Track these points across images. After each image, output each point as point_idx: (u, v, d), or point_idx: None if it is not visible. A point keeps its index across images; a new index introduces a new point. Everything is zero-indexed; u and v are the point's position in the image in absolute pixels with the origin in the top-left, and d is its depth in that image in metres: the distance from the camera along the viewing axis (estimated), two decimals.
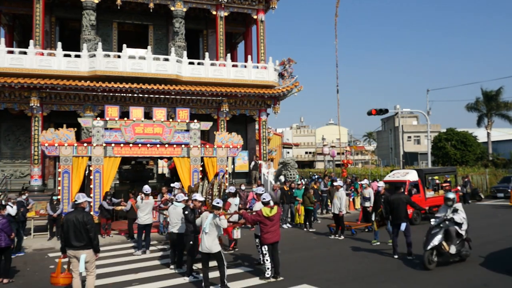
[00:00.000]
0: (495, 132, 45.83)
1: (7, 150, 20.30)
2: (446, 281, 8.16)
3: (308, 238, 13.50)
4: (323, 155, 46.17)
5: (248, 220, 8.85)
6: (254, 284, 8.31)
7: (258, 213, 8.58)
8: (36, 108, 18.64)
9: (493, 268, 8.88)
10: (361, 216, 15.83)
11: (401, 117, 56.12)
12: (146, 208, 11.34)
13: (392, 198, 10.42)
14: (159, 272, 9.35)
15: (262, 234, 8.53)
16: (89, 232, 7.05)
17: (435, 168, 27.07)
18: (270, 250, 8.54)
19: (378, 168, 38.95)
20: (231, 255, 10.85)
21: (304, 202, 15.37)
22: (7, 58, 18.15)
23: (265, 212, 8.45)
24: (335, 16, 28.97)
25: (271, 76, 22.03)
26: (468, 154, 38.25)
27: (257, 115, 22.64)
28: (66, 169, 13.40)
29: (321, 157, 65.28)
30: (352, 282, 8.30)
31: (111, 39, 22.52)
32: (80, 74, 18.95)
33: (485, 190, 26.69)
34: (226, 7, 22.13)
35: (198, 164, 14.83)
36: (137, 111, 14.71)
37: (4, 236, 8.87)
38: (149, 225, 11.39)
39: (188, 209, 9.11)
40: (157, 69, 19.76)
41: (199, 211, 8.92)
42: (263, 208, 8.54)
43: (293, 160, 19.74)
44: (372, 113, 22.11)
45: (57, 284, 7.40)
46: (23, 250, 12.15)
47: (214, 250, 7.79)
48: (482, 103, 42.72)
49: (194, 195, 9.41)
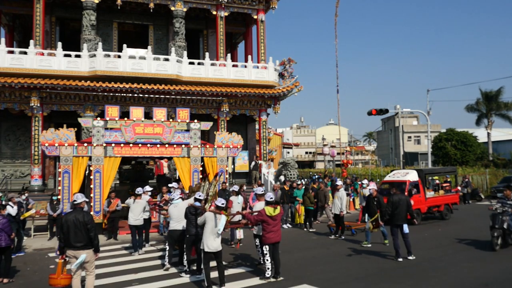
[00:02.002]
0: (495, 132, 45.81)
1: (7, 150, 20.30)
2: (447, 281, 8.15)
3: (308, 238, 13.50)
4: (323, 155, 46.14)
5: (251, 221, 8.76)
6: (254, 284, 8.31)
7: (261, 212, 8.51)
8: (36, 108, 18.65)
9: (493, 268, 8.87)
10: (361, 216, 15.83)
11: (401, 117, 56.10)
12: (136, 208, 11.35)
13: (394, 198, 10.30)
14: (159, 272, 9.34)
15: (264, 234, 8.49)
16: (90, 232, 7.06)
17: (435, 168, 27.06)
18: (271, 250, 8.51)
19: (378, 168, 38.92)
20: (231, 255, 10.86)
21: (304, 202, 15.37)
22: (7, 58, 18.16)
23: (268, 212, 8.40)
24: (335, 16, 29.00)
25: (271, 76, 22.02)
26: (468, 154, 38.23)
27: (257, 115, 22.63)
28: (66, 169, 13.40)
29: (321, 157, 65.28)
30: (352, 282, 8.29)
31: (111, 39, 22.52)
32: (80, 74, 18.96)
33: (485, 190, 26.68)
34: (226, 7, 22.13)
35: (198, 164, 14.83)
36: (137, 111, 14.71)
37: (4, 236, 8.86)
38: (140, 225, 11.37)
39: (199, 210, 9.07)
40: (157, 69, 19.77)
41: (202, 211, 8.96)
42: (267, 208, 8.48)
43: (293, 160, 19.73)
44: (372, 113, 22.12)
45: (57, 285, 7.39)
46: (23, 250, 12.16)
47: (219, 249, 7.94)
48: (482, 103, 42.69)
49: (199, 193, 9.43)
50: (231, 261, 10.23)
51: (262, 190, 9.96)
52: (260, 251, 9.33)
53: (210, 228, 7.88)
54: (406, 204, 10.26)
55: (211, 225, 7.89)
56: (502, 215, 10.76)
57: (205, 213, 8.18)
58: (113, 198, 13.50)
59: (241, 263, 10.09)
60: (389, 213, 10.28)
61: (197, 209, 8.99)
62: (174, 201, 9.76)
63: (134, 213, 11.32)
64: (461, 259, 9.90)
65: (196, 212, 8.95)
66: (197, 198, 9.17)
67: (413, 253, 9.98)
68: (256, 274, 8.95)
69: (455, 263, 9.45)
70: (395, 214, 10.16)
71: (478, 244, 11.55)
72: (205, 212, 8.22)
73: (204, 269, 7.95)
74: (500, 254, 10.37)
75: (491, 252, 10.49)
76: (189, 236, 8.97)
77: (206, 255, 7.91)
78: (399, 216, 10.12)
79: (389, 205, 10.35)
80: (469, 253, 10.57)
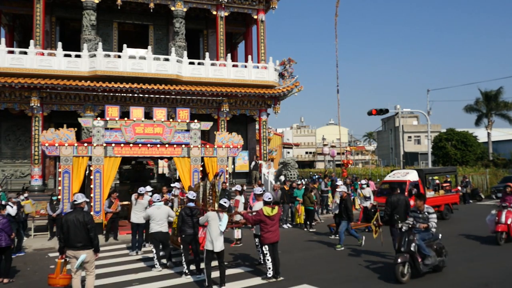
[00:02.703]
0: (495, 132, 45.77)
1: (7, 150, 20.30)
2: (448, 281, 8.15)
3: (308, 238, 13.49)
4: (323, 155, 46.13)
5: (249, 221, 8.81)
6: (254, 284, 8.31)
7: (259, 212, 8.54)
8: (37, 108, 18.65)
9: (492, 268, 8.90)
10: (361, 216, 15.84)
11: (402, 117, 56.09)
12: (139, 207, 11.46)
13: (393, 199, 10.18)
14: (159, 272, 9.34)
15: (263, 234, 8.50)
16: (90, 232, 7.06)
17: (436, 168, 27.03)
18: (270, 250, 8.51)
19: (378, 168, 38.91)
20: (231, 255, 10.86)
21: (304, 202, 15.37)
22: (7, 58, 18.17)
23: (266, 212, 8.43)
24: (335, 16, 28.96)
25: (271, 76, 22.02)
26: (469, 154, 38.22)
27: (257, 115, 22.63)
28: (66, 169, 13.40)
29: (321, 157, 65.24)
30: (352, 282, 8.29)
31: (111, 39, 22.52)
32: (81, 74, 18.96)
33: (485, 190, 26.68)
34: (226, 7, 22.13)
35: (198, 164, 14.83)
36: (138, 111, 14.71)
37: (4, 236, 8.86)
38: (142, 224, 11.40)
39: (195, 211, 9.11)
40: (157, 69, 19.77)
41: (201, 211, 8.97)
42: (264, 208, 8.50)
43: (293, 160, 19.74)
44: (373, 113, 22.10)
45: (56, 285, 7.39)
46: (23, 250, 12.16)
47: (222, 249, 7.96)
48: (482, 103, 42.66)
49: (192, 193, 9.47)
50: (231, 260, 10.23)
51: (261, 190, 9.98)
52: (260, 251, 9.33)
53: (215, 228, 7.88)
54: (405, 204, 10.18)
55: (215, 224, 7.88)
56: (408, 234, 8.17)
57: (208, 212, 8.20)
58: (114, 198, 13.51)
59: (241, 263, 10.10)
60: (388, 213, 10.13)
61: (193, 210, 9.03)
62: (157, 203, 9.78)
63: (136, 212, 11.43)
64: (461, 259, 9.89)
65: (192, 213, 8.99)
66: (190, 199, 9.25)
67: None
68: (256, 274, 8.95)
69: (455, 263, 9.44)
70: (393, 214, 9.94)
71: (478, 244, 11.55)
72: (208, 212, 8.24)
73: (206, 269, 7.94)
74: (500, 254, 10.36)
75: (492, 252, 10.48)
76: (185, 236, 8.98)
77: (208, 254, 7.91)
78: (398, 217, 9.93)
79: (388, 205, 10.19)
80: (469, 253, 10.56)
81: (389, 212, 10.10)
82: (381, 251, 10.89)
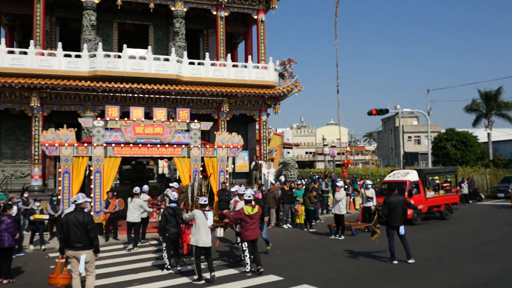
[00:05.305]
0: (495, 132, 45.71)
1: (7, 150, 20.30)
2: (447, 281, 8.15)
3: (308, 238, 13.49)
4: (323, 155, 46.19)
5: (230, 219, 9.31)
6: (254, 283, 8.30)
7: (240, 211, 9.09)
8: (37, 108, 18.65)
9: (493, 268, 8.89)
10: (361, 216, 15.85)
11: (402, 117, 56.06)
12: (133, 207, 11.99)
13: (391, 199, 9.99)
14: (159, 272, 9.35)
15: (243, 231, 9.02)
16: (90, 233, 7.06)
17: (436, 168, 27.05)
18: (250, 247, 9.01)
19: (378, 168, 38.91)
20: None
21: (304, 202, 15.36)
22: (7, 58, 18.15)
23: (246, 211, 8.91)
24: (335, 16, 28.93)
25: (271, 76, 22.02)
26: (469, 154, 38.22)
27: (257, 115, 22.63)
28: (66, 169, 13.40)
29: (321, 157, 65.26)
30: (352, 282, 8.29)
31: (111, 39, 22.51)
32: (81, 74, 18.96)
33: (486, 190, 26.69)
34: (226, 7, 22.13)
35: (198, 164, 14.82)
36: (138, 111, 14.71)
37: (8, 236, 8.86)
38: (137, 223, 12.05)
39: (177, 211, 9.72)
40: (157, 69, 19.76)
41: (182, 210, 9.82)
42: (245, 207, 9.01)
43: (293, 160, 19.71)
44: (373, 113, 22.12)
45: (56, 284, 7.40)
46: (23, 250, 12.16)
47: (210, 245, 8.52)
48: (479, 104, 42.56)
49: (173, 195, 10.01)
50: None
51: (244, 190, 10.45)
52: (240, 248, 9.68)
53: (200, 224, 8.41)
54: (403, 205, 10.10)
55: (200, 221, 8.42)
56: None
57: (193, 210, 8.85)
58: (110, 198, 13.52)
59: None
60: (385, 214, 9.98)
61: (175, 210, 9.66)
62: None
63: (130, 211, 12.00)
64: (461, 259, 9.90)
65: (174, 213, 9.59)
66: (172, 200, 9.88)
67: (412, 256, 9.72)
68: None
69: (455, 263, 9.45)
70: (391, 215, 9.83)
71: (478, 244, 11.56)
72: (194, 210, 8.90)
73: (196, 263, 8.44)
74: (500, 254, 10.36)
75: (492, 252, 10.49)
76: (168, 235, 9.52)
77: (198, 250, 8.41)
78: (396, 218, 9.81)
79: (386, 206, 10.01)
80: (469, 253, 10.57)
81: (387, 213, 9.96)
82: (381, 252, 10.90)
